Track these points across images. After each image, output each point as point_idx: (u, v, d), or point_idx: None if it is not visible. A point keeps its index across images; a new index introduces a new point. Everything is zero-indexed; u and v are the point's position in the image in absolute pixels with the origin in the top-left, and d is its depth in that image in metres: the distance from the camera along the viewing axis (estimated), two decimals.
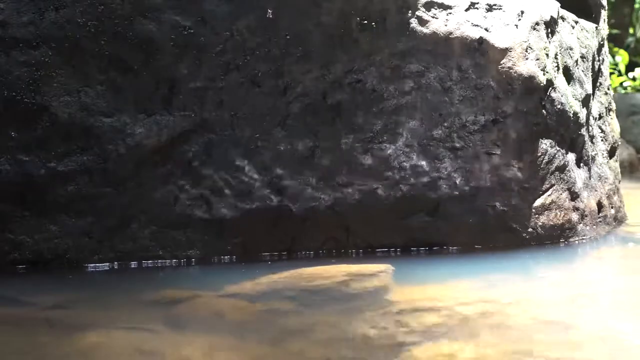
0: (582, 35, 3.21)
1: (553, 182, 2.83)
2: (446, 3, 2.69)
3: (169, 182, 2.50)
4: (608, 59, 3.80)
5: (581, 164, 3.04)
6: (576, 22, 3.20)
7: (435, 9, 2.68)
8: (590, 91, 3.18)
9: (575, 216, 2.92)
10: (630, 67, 10.37)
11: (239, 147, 2.55)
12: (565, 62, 2.98)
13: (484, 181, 2.71)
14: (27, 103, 2.38)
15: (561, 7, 3.03)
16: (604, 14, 3.63)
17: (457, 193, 2.69)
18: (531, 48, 2.75)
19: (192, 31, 2.48)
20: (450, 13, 2.69)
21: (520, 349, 1.68)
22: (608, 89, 3.62)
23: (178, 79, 2.49)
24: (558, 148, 2.84)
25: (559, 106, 2.83)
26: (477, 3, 2.74)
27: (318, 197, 2.61)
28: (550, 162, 2.81)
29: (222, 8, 2.50)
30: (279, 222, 2.59)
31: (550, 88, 2.80)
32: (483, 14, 2.73)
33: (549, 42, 2.87)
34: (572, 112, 2.91)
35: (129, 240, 2.49)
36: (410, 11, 2.65)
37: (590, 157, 3.15)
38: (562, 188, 2.86)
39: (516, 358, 1.62)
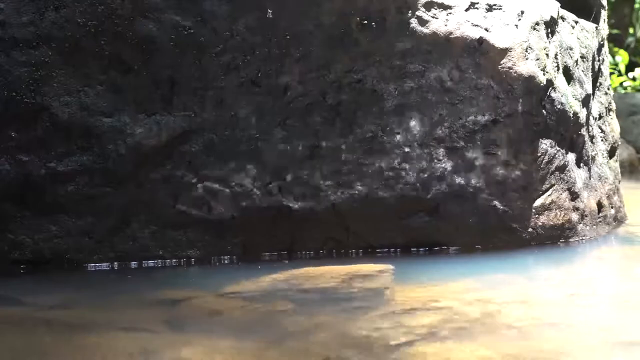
0: (582, 35, 3.21)
1: (553, 182, 2.83)
2: (446, 3, 2.69)
3: (169, 182, 2.50)
4: (608, 59, 3.80)
5: (581, 164, 3.04)
6: (576, 22, 3.20)
7: (435, 9, 2.68)
8: (590, 91, 3.19)
9: (575, 216, 2.92)
10: (630, 67, 10.37)
11: (239, 147, 2.55)
12: (565, 62, 2.98)
13: (484, 181, 2.71)
14: (27, 103, 2.38)
15: (561, 7, 3.03)
16: (604, 14, 3.63)
17: (457, 193, 2.69)
18: (531, 48, 2.75)
19: (192, 31, 2.48)
20: (450, 13, 2.69)
21: (520, 349, 1.68)
22: (608, 89, 3.62)
23: (178, 79, 2.49)
24: (558, 148, 2.84)
25: (559, 106, 2.83)
26: (477, 3, 2.74)
27: (318, 197, 2.61)
28: (550, 162, 2.81)
29: (222, 8, 2.50)
30: (279, 222, 2.59)
31: (550, 88, 2.80)
32: (483, 14, 2.73)
33: (549, 42, 2.87)
34: (572, 112, 2.91)
35: (129, 240, 2.49)
36: (410, 11, 2.65)
37: (590, 157, 3.15)
38: (562, 188, 2.86)
39: (516, 358, 1.62)
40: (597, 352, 1.71)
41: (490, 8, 2.75)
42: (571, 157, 2.94)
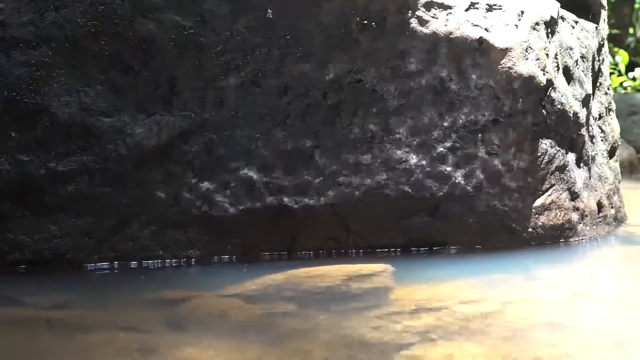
0: (582, 35, 3.21)
1: (553, 182, 2.83)
2: (446, 3, 2.69)
3: (169, 182, 2.50)
4: (608, 59, 3.80)
5: (581, 164, 3.04)
6: (576, 22, 3.20)
7: (435, 9, 2.68)
8: (590, 91, 3.19)
9: (575, 216, 2.92)
10: (630, 67, 10.38)
11: (239, 147, 2.55)
12: (565, 62, 2.98)
13: (484, 181, 2.71)
14: (27, 103, 2.38)
15: (561, 7, 3.03)
16: (604, 14, 3.64)
17: (457, 193, 2.69)
18: (531, 48, 2.75)
19: (192, 31, 2.48)
20: (450, 13, 2.69)
21: (520, 350, 1.68)
22: (608, 89, 3.62)
23: (178, 79, 2.49)
24: (558, 148, 2.84)
25: (559, 106, 2.83)
26: (477, 3, 2.74)
27: (318, 197, 2.61)
28: (550, 162, 2.81)
29: (222, 8, 2.50)
30: (279, 221, 2.59)
31: (550, 88, 2.80)
32: (483, 14, 2.73)
33: (549, 42, 2.87)
34: (572, 112, 2.91)
35: (129, 240, 2.49)
36: (410, 11, 2.65)
37: (590, 157, 3.15)
38: (562, 188, 2.86)
39: (516, 358, 1.62)
40: (597, 353, 1.71)
41: (490, 8, 2.75)
42: (571, 157, 2.94)
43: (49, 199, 2.41)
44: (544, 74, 2.77)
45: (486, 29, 2.71)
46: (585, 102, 3.11)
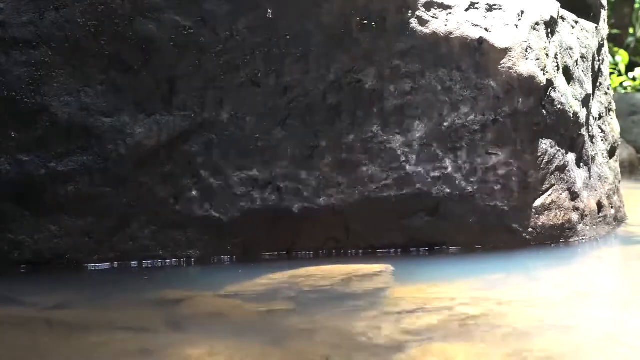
0: (582, 35, 3.21)
1: (553, 182, 2.83)
2: (446, 3, 2.69)
3: (169, 182, 2.50)
4: (608, 59, 3.80)
5: (581, 164, 3.04)
6: (576, 22, 3.20)
7: (435, 9, 2.68)
8: (590, 91, 3.19)
9: (575, 216, 2.92)
10: (630, 67, 10.39)
11: (239, 147, 2.55)
12: (565, 62, 2.98)
13: (484, 181, 2.71)
14: (27, 103, 2.38)
15: (561, 7, 3.03)
16: (604, 14, 3.64)
17: (457, 193, 2.69)
18: (531, 48, 2.75)
19: (192, 31, 2.48)
20: (450, 13, 2.69)
21: (520, 350, 1.68)
22: (608, 89, 3.62)
23: (178, 79, 2.49)
24: (558, 148, 2.84)
25: (559, 106, 2.83)
26: (477, 3, 2.74)
27: (318, 197, 2.61)
28: (550, 162, 2.81)
29: (222, 8, 2.50)
30: (279, 222, 2.59)
31: (550, 88, 2.80)
32: (483, 14, 2.73)
33: (549, 42, 2.87)
34: (572, 112, 2.91)
35: (129, 240, 2.49)
36: (410, 11, 2.65)
37: (590, 157, 3.15)
38: (562, 188, 2.86)
39: (516, 358, 1.62)
40: (597, 353, 1.71)
41: (490, 8, 2.75)
42: (571, 157, 2.94)
43: (49, 199, 2.41)
44: (544, 74, 2.77)
45: (486, 29, 2.71)
46: (585, 102, 3.11)
